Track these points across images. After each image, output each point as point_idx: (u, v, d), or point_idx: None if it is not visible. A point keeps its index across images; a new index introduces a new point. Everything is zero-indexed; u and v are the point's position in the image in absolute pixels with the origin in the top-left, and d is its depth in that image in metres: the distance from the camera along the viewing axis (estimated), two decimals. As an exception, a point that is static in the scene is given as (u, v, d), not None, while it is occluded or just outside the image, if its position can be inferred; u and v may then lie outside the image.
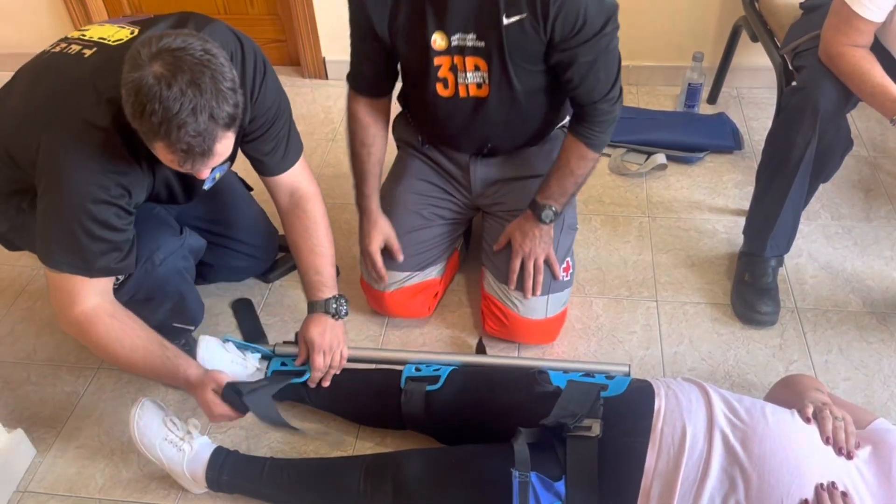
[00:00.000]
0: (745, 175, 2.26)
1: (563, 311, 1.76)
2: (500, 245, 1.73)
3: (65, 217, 1.27)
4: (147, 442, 1.41)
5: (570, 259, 1.75)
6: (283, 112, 1.51)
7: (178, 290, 1.57)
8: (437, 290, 1.85)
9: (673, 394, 1.28)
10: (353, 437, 1.60)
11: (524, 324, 1.71)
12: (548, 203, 1.63)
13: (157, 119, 1.10)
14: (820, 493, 1.12)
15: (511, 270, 1.69)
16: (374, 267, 1.74)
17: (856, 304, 1.85)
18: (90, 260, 1.30)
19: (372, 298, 1.84)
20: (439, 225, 1.80)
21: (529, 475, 1.21)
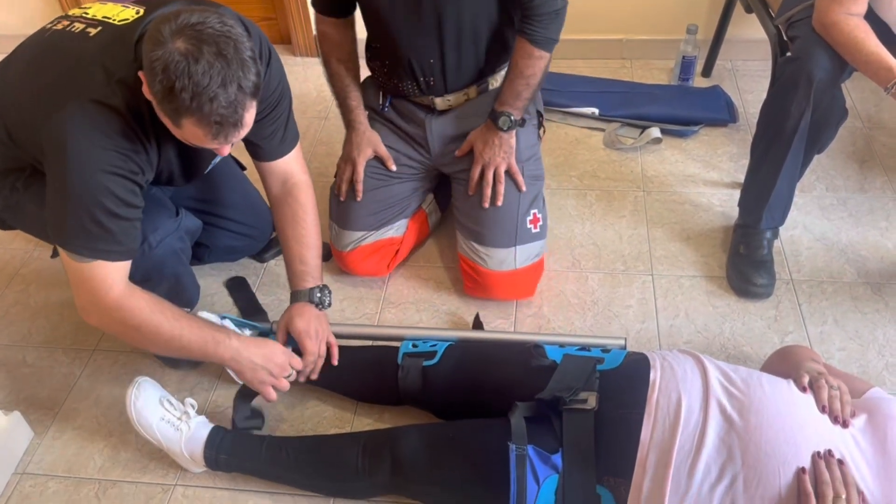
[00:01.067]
0: (740, 148, 2.25)
1: (535, 264, 1.78)
2: (463, 151, 1.76)
3: (84, 198, 1.24)
4: (144, 422, 1.41)
5: (538, 211, 1.76)
6: (285, 97, 1.51)
7: (175, 272, 1.56)
8: (397, 248, 1.87)
9: (668, 365, 1.29)
10: (350, 413, 1.60)
11: (494, 277, 1.74)
12: (504, 110, 1.67)
13: (189, 94, 1.09)
14: (816, 461, 1.12)
15: (470, 178, 1.73)
16: (356, 181, 1.78)
17: (850, 275, 1.85)
18: (115, 241, 1.28)
19: (336, 258, 1.89)
20: (397, 184, 1.82)
21: (526, 448, 1.22)
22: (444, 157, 1.81)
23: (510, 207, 1.72)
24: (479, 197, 1.73)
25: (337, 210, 1.84)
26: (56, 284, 1.94)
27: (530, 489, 1.20)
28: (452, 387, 1.45)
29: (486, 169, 1.71)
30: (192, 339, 1.36)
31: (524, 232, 1.73)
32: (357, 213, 1.80)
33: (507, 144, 1.70)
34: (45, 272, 1.98)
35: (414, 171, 1.85)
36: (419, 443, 1.34)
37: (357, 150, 1.78)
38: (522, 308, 1.82)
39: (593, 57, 2.65)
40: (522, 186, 1.73)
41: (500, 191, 1.71)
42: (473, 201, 1.74)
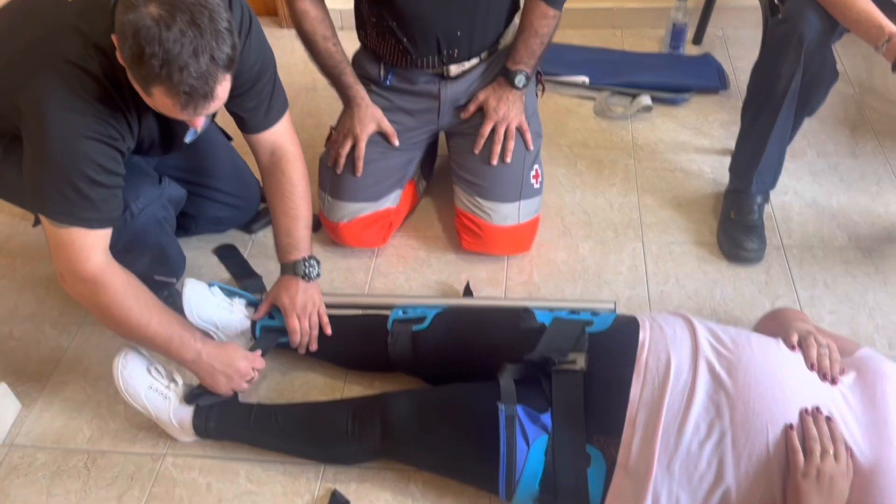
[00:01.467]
0: (731, 115, 2.24)
1: (535, 219, 1.80)
2: (469, 112, 1.75)
3: (62, 163, 1.22)
4: (132, 391, 1.40)
5: (539, 167, 1.78)
6: (267, 68, 1.48)
7: (158, 242, 1.54)
8: (392, 220, 1.86)
9: (658, 326, 1.28)
10: (340, 382, 1.60)
11: (497, 232, 1.75)
12: (518, 68, 1.68)
13: (158, 62, 1.06)
14: (804, 417, 1.13)
15: (479, 135, 1.72)
16: (357, 157, 1.74)
17: (841, 239, 1.84)
18: (94, 209, 1.26)
19: (329, 229, 1.87)
20: (397, 155, 1.80)
21: (516, 409, 1.22)
22: (452, 121, 1.79)
23: (517, 163, 1.73)
24: (487, 153, 1.72)
25: (331, 181, 1.81)
26: (42, 258, 1.92)
27: (520, 449, 1.20)
28: (442, 351, 1.45)
29: (499, 125, 1.71)
30: (159, 332, 1.34)
31: (528, 187, 1.75)
32: (355, 184, 1.77)
33: (519, 101, 1.72)
34: (31, 245, 1.96)
35: (413, 141, 1.82)
36: (409, 407, 1.34)
37: (360, 124, 1.74)
38: (513, 276, 1.81)
39: (584, 26, 2.62)
40: (531, 144, 1.74)
41: (510, 147, 1.71)
42: (479, 156, 1.74)
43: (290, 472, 1.44)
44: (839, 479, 1.07)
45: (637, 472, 1.16)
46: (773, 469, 1.11)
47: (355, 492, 1.40)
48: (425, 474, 1.41)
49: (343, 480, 1.42)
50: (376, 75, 1.78)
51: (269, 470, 1.45)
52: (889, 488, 1.06)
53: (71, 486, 1.44)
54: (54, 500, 1.42)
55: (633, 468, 1.17)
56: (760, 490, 1.12)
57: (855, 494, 1.07)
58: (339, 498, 1.38)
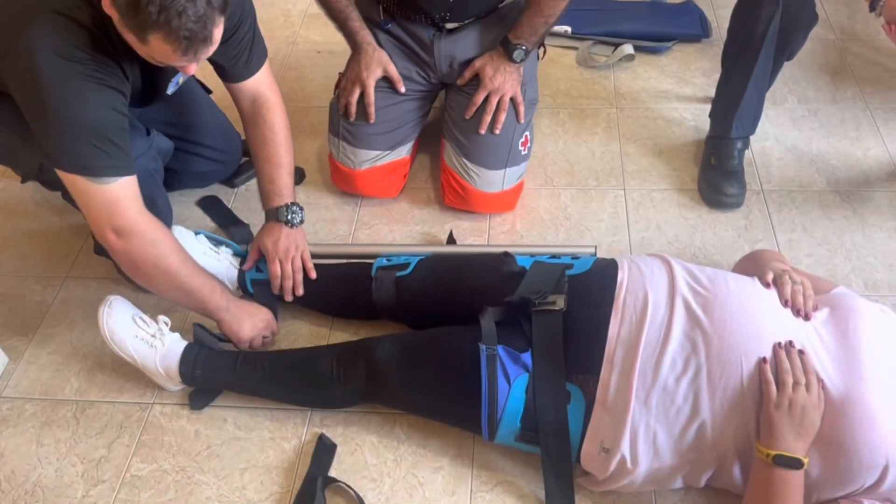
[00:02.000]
0: (713, 63, 2.23)
1: (519, 184, 1.80)
2: (465, 79, 1.73)
3: (80, 118, 1.22)
4: (118, 339, 1.41)
5: (529, 133, 1.77)
6: (247, 17, 1.47)
7: (150, 194, 1.52)
8: (406, 170, 1.86)
9: (636, 266, 1.30)
10: (326, 329, 1.61)
11: (481, 196, 1.75)
12: (519, 42, 1.65)
13: (156, 8, 1.07)
14: (777, 351, 1.15)
15: (472, 103, 1.70)
16: (368, 103, 1.72)
17: (820, 184, 1.86)
18: (123, 154, 1.27)
19: (340, 178, 1.85)
20: (409, 101, 1.79)
21: (496, 349, 1.23)
22: (450, 75, 1.77)
23: (507, 132, 1.71)
24: (477, 120, 1.71)
25: (345, 128, 1.78)
26: (24, 214, 1.91)
27: (501, 388, 1.22)
28: (425, 296, 1.46)
29: (493, 95, 1.69)
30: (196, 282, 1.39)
31: (515, 154, 1.74)
32: (371, 131, 1.75)
33: (517, 73, 1.70)
34: (12, 202, 1.95)
35: (421, 87, 1.80)
36: (393, 350, 1.36)
37: (366, 70, 1.71)
38: (496, 225, 1.82)
39: (566, -25, 2.59)
40: (522, 117, 1.72)
41: (501, 119, 1.70)
42: (470, 121, 1.72)
43: (277, 418, 1.46)
44: (811, 410, 1.10)
45: (615, 408, 1.19)
46: (747, 402, 1.14)
47: (342, 435, 1.43)
48: (410, 417, 1.44)
49: (329, 425, 1.44)
50: (377, 17, 1.75)
51: (256, 416, 1.47)
52: (858, 419, 1.09)
53: (60, 435, 1.46)
54: (44, 450, 1.44)
55: (611, 404, 1.19)
56: (735, 423, 1.15)
57: (826, 425, 1.11)
58: (325, 441, 1.40)
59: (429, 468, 1.37)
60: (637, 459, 1.18)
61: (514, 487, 1.34)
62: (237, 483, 1.37)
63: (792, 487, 1.09)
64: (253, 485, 1.37)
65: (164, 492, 1.37)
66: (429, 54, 1.74)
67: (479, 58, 1.71)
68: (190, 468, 1.40)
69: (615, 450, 1.18)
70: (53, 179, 1.42)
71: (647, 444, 1.18)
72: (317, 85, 2.27)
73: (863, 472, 1.08)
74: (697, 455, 1.18)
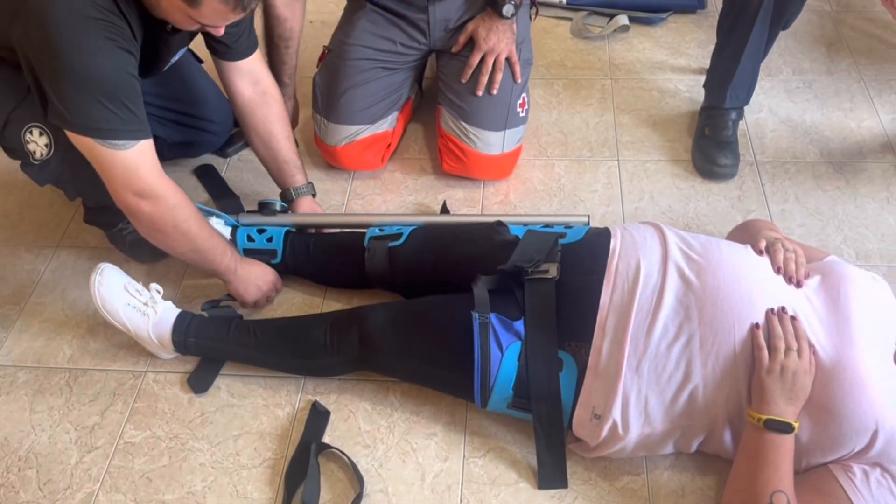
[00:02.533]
0: (708, 34, 2.22)
1: (517, 148, 1.80)
2: (460, 45, 1.72)
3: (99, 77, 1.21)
4: (110, 307, 1.41)
5: (526, 95, 1.76)
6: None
7: None
8: (390, 141, 1.86)
9: (629, 234, 1.30)
10: (319, 299, 1.61)
11: (481, 159, 1.75)
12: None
13: None
14: (770, 317, 1.16)
15: (468, 66, 1.70)
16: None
17: (813, 155, 1.86)
18: (138, 119, 1.27)
19: (325, 153, 1.86)
20: (391, 75, 1.78)
21: (489, 316, 1.23)
22: (443, 40, 1.75)
23: (504, 92, 1.71)
24: (474, 83, 1.70)
25: (326, 104, 1.78)
26: (13, 185, 1.90)
27: (494, 355, 1.23)
28: (418, 265, 1.46)
29: (488, 56, 1.68)
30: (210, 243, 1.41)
31: (514, 116, 1.73)
32: (351, 107, 1.75)
33: (510, 31, 1.68)
34: (1, 172, 1.93)
35: (408, 58, 1.79)
36: (385, 318, 1.36)
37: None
38: (489, 196, 1.82)
39: (561, -55, 2.57)
40: (519, 77, 1.71)
41: (498, 79, 1.69)
42: (466, 84, 1.71)
43: (271, 386, 1.46)
44: (802, 376, 1.11)
45: (607, 374, 1.19)
46: (739, 367, 1.15)
47: (335, 403, 1.43)
48: (404, 385, 1.44)
49: (323, 392, 1.45)
50: None
51: (249, 384, 1.47)
52: (848, 384, 1.10)
53: (54, 402, 1.46)
54: (37, 417, 1.44)
55: (602, 371, 1.20)
56: (727, 388, 1.16)
57: (816, 390, 1.12)
58: (319, 408, 1.41)
59: (422, 435, 1.38)
60: (628, 425, 1.18)
61: (506, 454, 1.35)
62: (231, 449, 1.38)
63: (782, 451, 1.10)
64: (247, 451, 1.37)
65: (158, 458, 1.37)
66: (424, 18, 1.72)
67: (471, 21, 1.69)
68: (183, 435, 1.40)
69: (606, 416, 1.19)
70: (15, 147, 1.41)
71: (638, 410, 1.18)
72: (308, 55, 2.24)
73: (853, 437, 1.09)
74: (689, 421, 1.19)
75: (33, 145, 1.40)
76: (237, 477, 1.34)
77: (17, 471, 1.36)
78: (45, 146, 1.40)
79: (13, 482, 1.35)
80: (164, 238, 1.38)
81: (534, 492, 1.30)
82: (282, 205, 1.64)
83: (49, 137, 1.39)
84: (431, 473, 1.33)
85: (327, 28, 2.28)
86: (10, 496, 1.33)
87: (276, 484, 1.32)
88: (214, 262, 1.45)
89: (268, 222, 1.61)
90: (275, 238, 1.58)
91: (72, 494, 1.33)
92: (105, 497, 1.32)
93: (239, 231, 1.60)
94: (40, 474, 1.36)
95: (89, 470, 1.36)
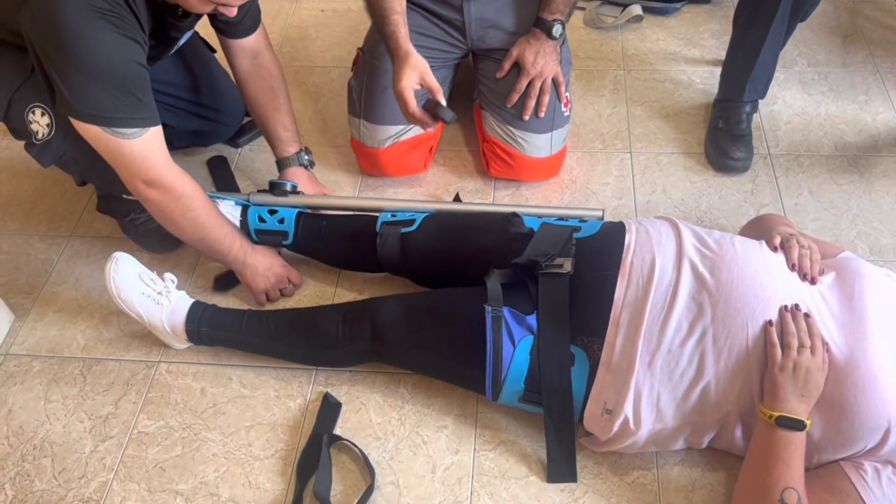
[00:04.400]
0: (723, 25, 2.20)
1: (564, 147, 1.78)
2: (504, 71, 1.68)
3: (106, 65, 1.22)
4: (125, 296, 1.41)
5: (569, 94, 1.74)
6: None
7: None
8: (432, 143, 1.82)
9: (644, 229, 1.30)
10: (331, 288, 1.62)
11: (530, 163, 1.73)
12: (555, 18, 1.62)
13: None
14: (783, 314, 1.15)
15: (515, 90, 1.66)
16: (405, 108, 1.52)
17: (828, 148, 1.85)
18: (146, 107, 1.28)
19: (364, 158, 1.80)
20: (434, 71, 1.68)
21: (502, 310, 1.24)
22: (480, 40, 1.71)
23: (550, 96, 1.68)
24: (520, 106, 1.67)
25: (365, 105, 1.72)
26: (27, 173, 1.91)
27: (506, 349, 1.23)
28: (430, 253, 1.46)
29: (536, 80, 1.65)
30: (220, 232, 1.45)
31: (559, 116, 1.71)
32: (393, 105, 1.59)
33: (555, 52, 1.65)
34: (15, 161, 1.94)
35: (448, 55, 1.74)
36: (398, 310, 1.36)
37: (396, 77, 1.52)
38: (500, 187, 1.81)
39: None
40: (563, 96, 1.69)
41: (545, 102, 1.66)
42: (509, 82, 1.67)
43: (283, 377, 1.47)
44: (815, 373, 1.11)
45: (619, 370, 1.19)
46: (751, 364, 1.15)
47: (347, 394, 1.44)
48: (415, 377, 1.45)
49: (334, 384, 1.45)
50: None
51: (261, 375, 1.48)
52: (861, 381, 1.10)
53: (68, 391, 1.47)
54: (52, 406, 1.45)
55: (615, 366, 1.20)
56: (739, 385, 1.16)
57: (829, 388, 1.11)
58: (330, 400, 1.41)
59: (433, 427, 1.39)
60: (640, 421, 1.18)
61: (516, 447, 1.35)
62: (243, 440, 1.39)
63: (794, 448, 1.10)
64: (259, 442, 1.38)
65: (171, 448, 1.38)
66: (459, 17, 1.68)
67: (516, 45, 1.65)
68: (196, 425, 1.41)
69: (618, 411, 1.19)
70: (19, 128, 1.43)
71: (650, 405, 1.18)
72: (320, 44, 2.25)
73: (865, 434, 1.09)
74: (700, 417, 1.19)
75: (36, 125, 1.41)
76: (249, 467, 1.35)
77: (33, 459, 1.38)
78: (46, 126, 1.41)
79: (28, 471, 1.36)
80: (173, 225, 1.40)
81: (544, 485, 1.30)
82: (293, 185, 1.64)
83: (50, 117, 1.40)
84: (442, 466, 1.33)
85: (339, 17, 2.29)
86: (25, 484, 1.34)
87: (287, 475, 1.33)
88: (223, 252, 1.47)
89: (279, 203, 1.61)
90: (286, 219, 1.57)
91: (86, 483, 1.34)
92: (119, 486, 1.34)
93: (250, 211, 1.60)
94: (55, 463, 1.37)
95: (103, 459, 1.37)
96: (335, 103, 2.05)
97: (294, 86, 2.10)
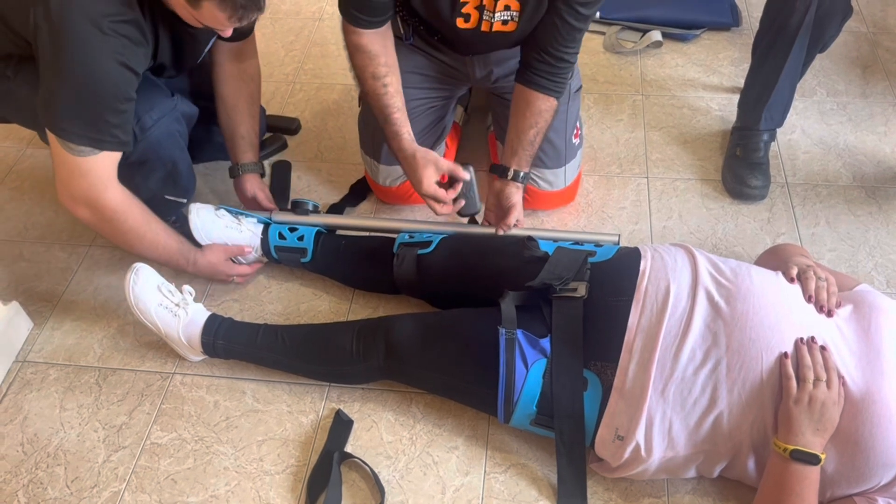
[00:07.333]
0: (742, 52, 2.21)
1: (578, 175, 1.78)
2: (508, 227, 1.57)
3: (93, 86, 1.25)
4: (143, 306, 1.43)
5: (579, 122, 1.74)
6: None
7: (172, 157, 1.54)
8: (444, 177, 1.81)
9: (659, 256, 1.30)
10: (346, 306, 1.62)
11: (545, 196, 1.75)
12: (518, 169, 1.55)
13: None
14: (799, 346, 1.15)
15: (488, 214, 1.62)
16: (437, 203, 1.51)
17: (846, 179, 1.84)
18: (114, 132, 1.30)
19: (379, 192, 1.82)
20: (434, 110, 1.71)
21: (515, 332, 1.24)
22: (484, 80, 1.69)
23: (559, 131, 1.65)
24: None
25: (373, 145, 1.71)
26: (49, 182, 1.92)
27: (519, 372, 1.23)
28: (446, 275, 1.47)
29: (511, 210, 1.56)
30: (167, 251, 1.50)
31: (570, 148, 1.71)
32: None
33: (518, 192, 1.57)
34: (39, 169, 1.97)
35: (451, 92, 1.74)
36: (412, 328, 1.37)
37: (416, 179, 1.50)
38: (517, 209, 1.82)
39: (596, -42, 2.56)
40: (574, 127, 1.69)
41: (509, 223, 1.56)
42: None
43: (296, 392, 1.48)
44: (830, 407, 1.10)
45: (632, 396, 1.19)
46: (765, 395, 1.14)
47: (359, 412, 1.44)
48: (427, 396, 1.45)
49: (347, 401, 1.46)
50: (398, 31, 1.59)
51: (274, 390, 1.49)
52: (877, 417, 1.09)
53: (83, 400, 1.49)
54: (67, 414, 1.46)
55: (628, 392, 1.20)
56: (752, 416, 1.15)
57: (845, 422, 1.11)
58: (342, 417, 1.42)
59: (444, 447, 1.39)
60: (651, 448, 1.18)
61: (527, 470, 1.35)
62: (254, 455, 1.39)
63: (807, 482, 1.09)
64: (270, 457, 1.39)
65: (184, 460, 1.39)
66: (462, 65, 1.65)
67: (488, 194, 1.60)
68: (209, 438, 1.42)
69: (630, 437, 1.19)
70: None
71: (662, 433, 1.18)
72: (342, 62, 2.26)
73: (879, 470, 1.09)
74: (712, 446, 1.18)
75: None
76: (260, 482, 1.35)
77: (46, 467, 1.39)
78: None
79: (41, 478, 1.37)
80: (108, 239, 1.49)
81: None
82: (314, 204, 1.66)
83: None
84: (452, 487, 1.33)
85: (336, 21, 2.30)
86: (37, 492, 1.35)
87: (297, 491, 1.34)
88: (169, 265, 1.54)
89: (300, 221, 1.64)
90: (306, 237, 1.60)
91: (98, 493, 1.35)
92: (131, 497, 1.34)
93: (271, 228, 1.62)
94: (68, 471, 1.38)
95: (116, 469, 1.38)
96: (355, 122, 2.04)
97: (315, 103, 2.13)
